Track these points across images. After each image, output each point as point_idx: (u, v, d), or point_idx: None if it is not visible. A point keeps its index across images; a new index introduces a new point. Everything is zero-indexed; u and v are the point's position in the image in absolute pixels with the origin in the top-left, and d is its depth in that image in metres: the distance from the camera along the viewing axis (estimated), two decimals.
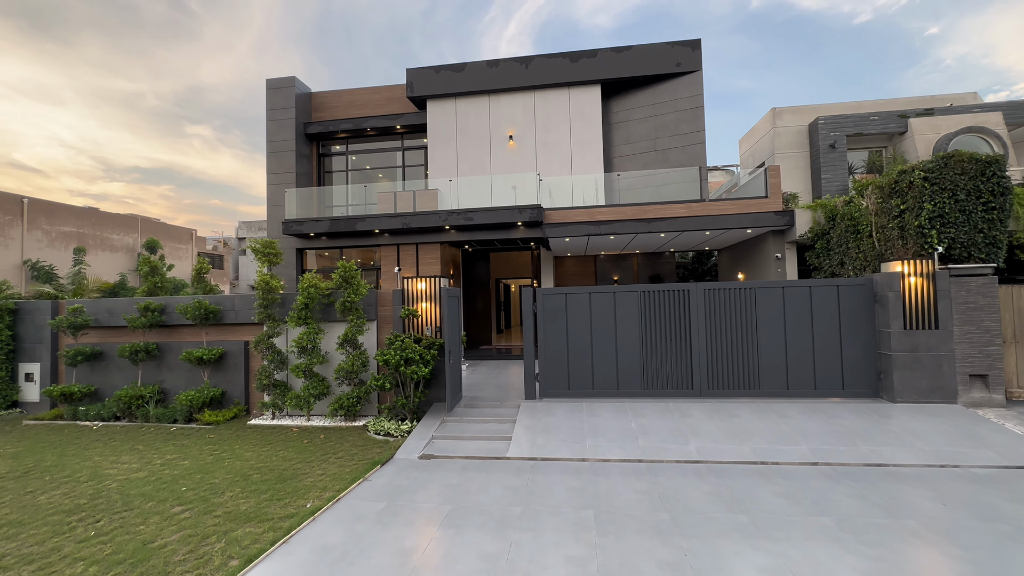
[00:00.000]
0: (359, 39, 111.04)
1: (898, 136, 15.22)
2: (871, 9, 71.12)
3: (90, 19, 68.47)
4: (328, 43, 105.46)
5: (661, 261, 18.77)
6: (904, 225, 8.47)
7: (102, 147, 68.07)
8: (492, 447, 6.97)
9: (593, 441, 6.82)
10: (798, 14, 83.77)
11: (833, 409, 7.44)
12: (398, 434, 7.56)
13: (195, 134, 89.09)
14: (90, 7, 67.67)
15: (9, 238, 26.49)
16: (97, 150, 67.66)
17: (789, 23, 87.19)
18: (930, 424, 6.78)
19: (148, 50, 74.03)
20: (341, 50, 41.38)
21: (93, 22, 68.67)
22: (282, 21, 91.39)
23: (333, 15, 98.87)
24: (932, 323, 7.51)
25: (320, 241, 15.74)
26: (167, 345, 9.60)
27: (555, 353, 8.64)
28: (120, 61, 72.65)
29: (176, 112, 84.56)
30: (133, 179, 76.35)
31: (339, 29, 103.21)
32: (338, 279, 8.42)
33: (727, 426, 7.04)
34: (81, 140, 64.75)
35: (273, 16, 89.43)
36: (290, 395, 8.35)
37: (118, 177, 73.10)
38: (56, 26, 65.15)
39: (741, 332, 8.19)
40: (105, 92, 69.17)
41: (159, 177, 79.65)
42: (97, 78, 68.70)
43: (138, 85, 73.43)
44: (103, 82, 69.11)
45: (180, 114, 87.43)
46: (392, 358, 7.73)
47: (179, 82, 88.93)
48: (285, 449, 7.14)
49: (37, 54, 60.69)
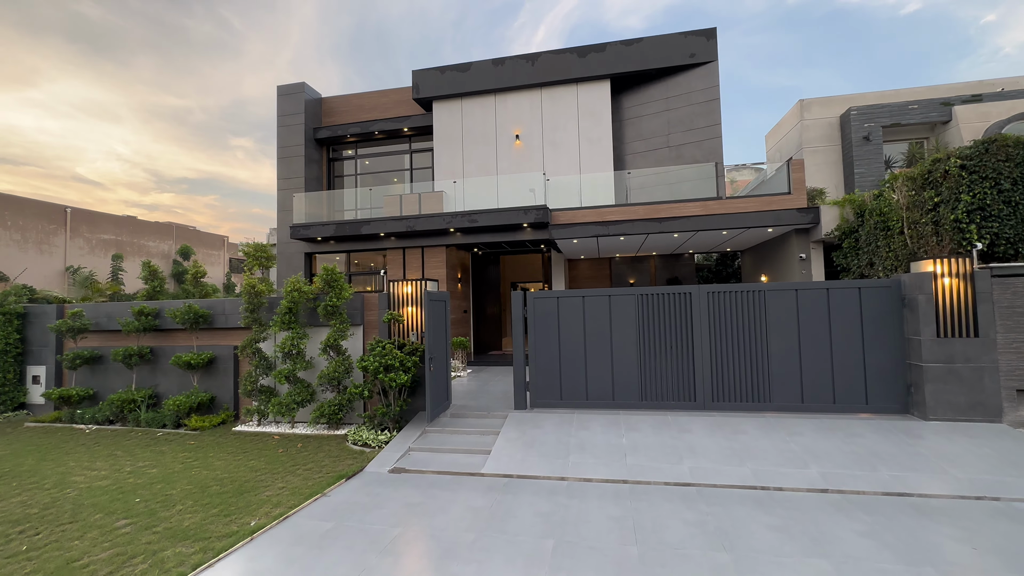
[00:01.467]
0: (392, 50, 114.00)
1: (941, 126, 13.94)
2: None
3: (145, 41, 73.45)
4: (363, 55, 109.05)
5: (680, 263, 17.89)
6: (939, 220, 7.54)
7: (154, 160, 72.78)
8: (469, 461, 6.50)
9: (577, 458, 6.25)
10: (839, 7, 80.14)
11: (853, 426, 6.61)
12: (375, 445, 7.20)
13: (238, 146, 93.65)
14: (145, 30, 72.58)
15: (53, 246, 27.94)
16: (150, 163, 72.37)
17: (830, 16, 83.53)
18: (967, 446, 5.89)
19: (196, 68, 78.73)
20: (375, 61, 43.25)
21: (147, 44, 73.68)
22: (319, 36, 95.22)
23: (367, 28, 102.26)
24: (971, 330, 6.58)
25: (328, 245, 15.72)
26: (161, 349, 9.60)
27: (546, 361, 8.10)
28: (171, 79, 77.57)
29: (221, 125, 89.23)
30: (182, 189, 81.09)
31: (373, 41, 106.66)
32: (320, 282, 8.17)
33: (728, 444, 6.33)
34: (135, 154, 69.61)
35: (310, 31, 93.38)
36: (273, 401, 8.14)
37: (168, 188, 77.84)
38: (115, 48, 70.27)
39: (750, 340, 7.44)
40: (157, 108, 74.04)
41: (205, 187, 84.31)
42: (150, 95, 73.64)
43: (186, 101, 78.15)
44: (155, 99, 74.02)
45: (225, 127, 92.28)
46: (371, 364, 7.39)
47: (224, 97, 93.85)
48: (258, 458, 6.89)
49: (97, 75, 65.64)
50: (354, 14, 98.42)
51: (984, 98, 13.68)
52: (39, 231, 26.46)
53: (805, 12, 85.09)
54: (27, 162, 61.00)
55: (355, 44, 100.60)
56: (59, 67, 60.94)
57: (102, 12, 66.84)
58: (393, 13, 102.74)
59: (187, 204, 78.66)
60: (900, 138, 14.37)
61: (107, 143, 65.80)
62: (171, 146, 73.83)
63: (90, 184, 65.49)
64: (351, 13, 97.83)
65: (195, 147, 76.68)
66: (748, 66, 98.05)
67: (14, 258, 24.33)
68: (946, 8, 66.05)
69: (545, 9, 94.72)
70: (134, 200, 69.68)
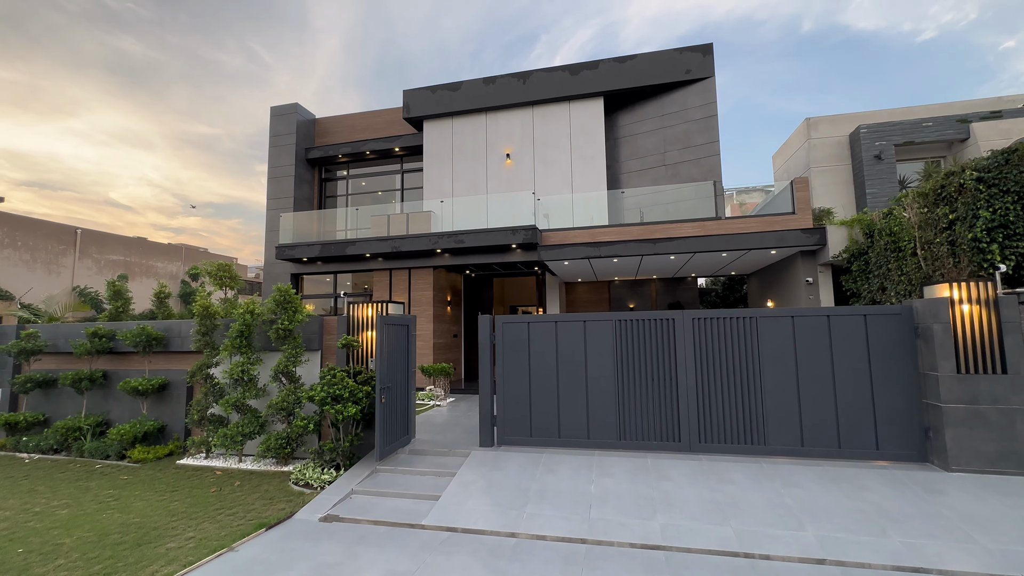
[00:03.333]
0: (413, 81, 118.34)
1: (959, 144, 13.12)
2: (935, 26, 66.57)
3: (180, 74, 77.37)
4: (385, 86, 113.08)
5: (682, 287, 17.03)
6: (955, 239, 6.70)
7: (183, 185, 75.67)
8: (414, 509, 5.71)
9: (535, 508, 5.42)
10: (853, 35, 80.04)
11: (861, 477, 5.66)
12: (318, 485, 6.45)
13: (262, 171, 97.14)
14: (180, 63, 76.50)
15: (62, 266, 28.21)
16: (179, 188, 75.24)
17: (844, 44, 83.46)
18: (999, 507, 4.91)
19: (226, 98, 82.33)
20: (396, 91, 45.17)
21: (182, 76, 77.60)
22: (344, 68, 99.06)
23: (389, 60, 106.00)
24: (998, 365, 5.65)
25: (315, 266, 15.30)
26: (116, 373, 9.08)
27: (516, 393, 7.32)
28: (201, 108, 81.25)
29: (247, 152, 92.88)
30: (207, 214, 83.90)
31: (395, 73, 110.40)
32: (271, 303, 7.60)
33: (712, 496, 5.44)
34: (165, 179, 72.64)
35: (336, 64, 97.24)
36: (220, 432, 7.47)
37: (195, 212, 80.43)
38: (151, 80, 74.15)
39: (741, 373, 6.58)
40: (187, 136, 77.51)
41: (230, 211, 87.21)
42: (182, 124, 77.17)
43: (216, 129, 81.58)
44: (186, 127, 77.60)
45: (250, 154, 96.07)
46: (318, 395, 6.71)
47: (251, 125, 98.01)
48: (185, 499, 6.18)
49: (134, 105, 69.25)
50: (377, 47, 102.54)
51: (1004, 115, 12.87)
52: (48, 251, 26.76)
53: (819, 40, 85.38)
54: (64, 187, 63.90)
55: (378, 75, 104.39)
56: (99, 98, 64.25)
57: (142, 48, 70.61)
58: (414, 48, 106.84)
59: (212, 227, 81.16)
60: (914, 157, 13.54)
61: (140, 169, 69.01)
62: (199, 172, 76.84)
63: (122, 208, 68.24)
64: (374, 47, 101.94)
65: (222, 172, 79.68)
66: (764, 92, 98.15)
67: (22, 278, 24.54)
68: (963, 35, 65.36)
69: (561, 41, 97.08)
70: (162, 223, 72.28)
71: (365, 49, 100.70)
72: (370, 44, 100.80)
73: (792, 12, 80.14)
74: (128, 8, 67.01)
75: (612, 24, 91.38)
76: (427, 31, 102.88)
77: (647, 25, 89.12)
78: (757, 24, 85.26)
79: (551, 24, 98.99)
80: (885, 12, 69.65)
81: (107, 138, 65.55)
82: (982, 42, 65.90)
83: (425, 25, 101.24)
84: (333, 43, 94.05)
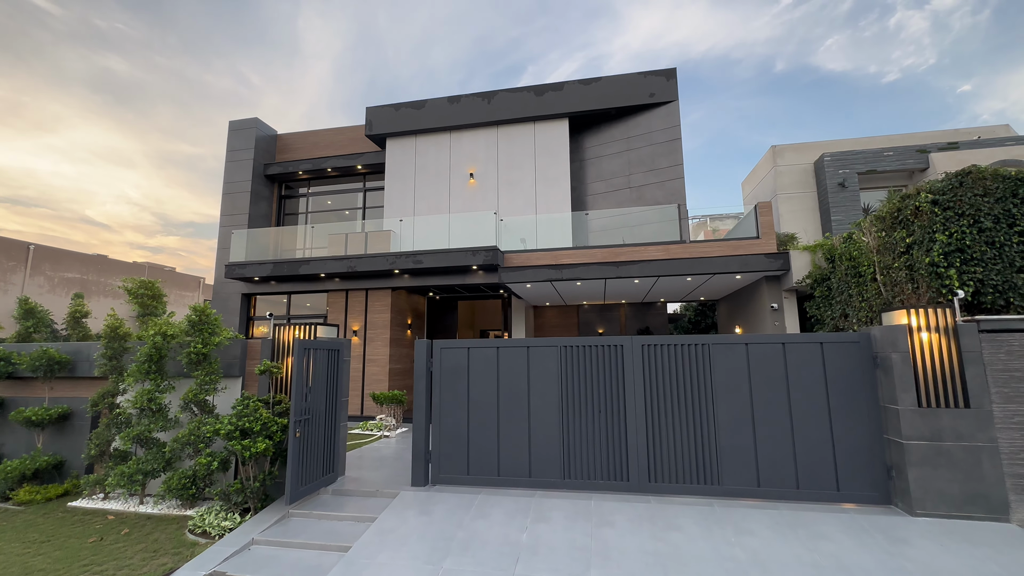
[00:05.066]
0: None
1: (919, 173, 13.24)
2: (898, 69, 70.49)
3: (165, 94, 76.35)
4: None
5: (652, 312, 16.67)
6: (913, 264, 6.40)
7: (163, 204, 73.66)
8: (317, 563, 4.94)
9: (454, 563, 4.71)
10: (824, 75, 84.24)
11: (819, 523, 5.12)
12: (216, 533, 5.62)
13: None
14: (166, 83, 75.57)
15: (9, 283, 26.60)
16: (159, 207, 73.19)
17: (815, 84, 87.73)
18: (968, 560, 4.39)
19: (212, 118, 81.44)
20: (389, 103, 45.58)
21: (167, 96, 76.55)
22: (332, 93, 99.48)
23: (378, 86, 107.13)
24: (960, 399, 5.24)
25: (268, 286, 14.51)
26: (13, 401, 8.13)
27: (453, 426, 6.66)
28: (186, 128, 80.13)
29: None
30: (187, 233, 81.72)
31: (383, 97, 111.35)
32: (185, 323, 6.87)
33: (655, 547, 4.81)
34: (145, 198, 70.66)
35: (324, 88, 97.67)
36: (117, 470, 6.59)
37: (174, 231, 78.34)
38: (136, 100, 72.87)
39: (693, 405, 6.05)
40: (170, 155, 76.00)
41: (210, 231, 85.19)
42: (165, 143, 75.70)
43: (199, 149, 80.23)
44: (170, 147, 76.11)
45: None
46: (224, 427, 5.95)
47: None
48: (54, 551, 5.30)
49: (117, 123, 67.74)
50: (367, 72, 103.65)
51: (961, 146, 13.09)
52: None
53: (792, 80, 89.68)
54: (38, 204, 61.61)
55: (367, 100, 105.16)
56: (81, 115, 62.79)
57: (129, 67, 69.68)
58: (403, 74, 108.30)
59: (191, 247, 78.94)
60: (877, 185, 13.63)
61: (119, 187, 67.09)
62: (181, 191, 75.06)
63: (97, 226, 65.89)
64: (364, 71, 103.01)
65: (204, 192, 78.09)
66: (741, 127, 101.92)
67: None
68: (923, 78, 69.22)
69: (547, 72, 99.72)
70: (139, 242, 69.94)
71: (355, 74, 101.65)
72: (360, 69, 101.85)
73: (766, 53, 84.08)
74: (116, 28, 66.49)
75: (596, 58, 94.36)
76: (417, 58, 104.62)
77: (629, 60, 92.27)
78: (734, 63, 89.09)
79: (538, 56, 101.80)
80: (851, 55, 73.62)
81: (87, 155, 63.86)
82: (941, 85, 69.82)
83: (415, 52, 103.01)
84: (323, 68, 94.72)
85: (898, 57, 70.17)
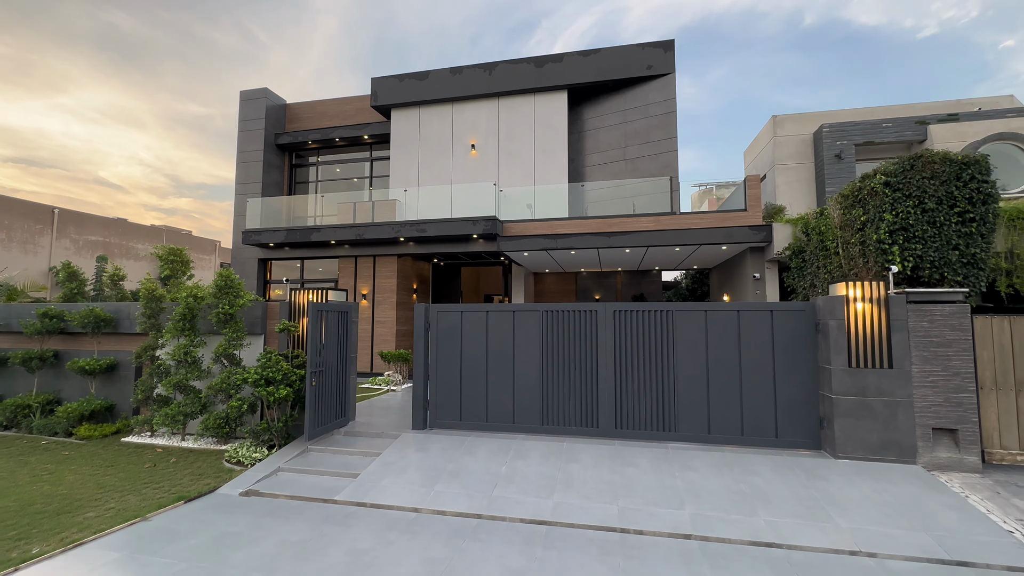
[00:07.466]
0: (411, 65, 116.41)
1: (917, 145, 13.39)
2: (936, 23, 66.35)
3: (172, 51, 75.56)
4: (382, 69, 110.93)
5: (647, 280, 17.37)
6: (865, 240, 7.02)
7: (175, 166, 74.32)
8: (332, 485, 6.01)
9: (444, 486, 5.74)
10: (856, 30, 79.58)
11: (754, 463, 6.03)
12: (249, 462, 6.73)
13: None
14: (173, 40, 74.71)
15: (39, 246, 27.98)
16: (171, 168, 73.92)
17: (846, 39, 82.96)
18: (867, 491, 5.29)
19: (220, 77, 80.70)
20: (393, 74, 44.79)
21: (175, 53, 75.82)
22: (340, 50, 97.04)
23: (387, 43, 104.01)
24: (884, 360, 6.01)
25: (282, 251, 15.44)
26: (67, 353, 9.28)
27: (448, 379, 7.62)
28: (195, 88, 79.70)
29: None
30: (199, 195, 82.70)
31: (393, 56, 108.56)
32: (213, 287, 7.81)
33: (611, 478, 5.78)
34: (157, 159, 71.26)
35: (332, 46, 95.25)
36: (161, 412, 7.72)
37: (187, 193, 79.33)
38: (143, 58, 72.48)
39: (657, 364, 6.91)
40: (180, 116, 75.99)
41: (222, 193, 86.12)
42: (174, 103, 75.58)
43: (209, 109, 79.95)
44: (179, 107, 76.02)
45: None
46: (251, 376, 6.97)
47: None
48: (118, 473, 6.46)
49: (125, 83, 67.64)
50: (375, 29, 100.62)
51: (960, 117, 13.16)
52: (24, 231, 26.50)
53: (821, 35, 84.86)
54: (53, 165, 62.69)
55: (375, 58, 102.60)
56: (89, 74, 62.80)
57: (134, 23, 68.87)
58: (414, 31, 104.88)
59: (204, 209, 79.98)
60: (875, 157, 13.80)
61: (131, 148, 67.63)
62: (192, 152, 75.42)
63: (112, 188, 67.02)
64: (372, 28, 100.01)
65: (214, 153, 78.35)
66: (765, 86, 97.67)
67: None
68: (963, 33, 65.23)
69: (561, 28, 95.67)
70: (153, 204, 71.10)
71: (363, 31, 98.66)
72: (368, 26, 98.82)
73: (795, 6, 79.36)
74: None
75: (614, 12, 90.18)
76: (426, 14, 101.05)
77: (649, 15, 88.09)
78: (759, 17, 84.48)
79: (552, 10, 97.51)
80: (887, 6, 69.12)
81: (97, 115, 64.26)
82: (982, 40, 65.83)
83: (424, 8, 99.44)
84: (331, 24, 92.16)
85: (938, 8, 65.98)
